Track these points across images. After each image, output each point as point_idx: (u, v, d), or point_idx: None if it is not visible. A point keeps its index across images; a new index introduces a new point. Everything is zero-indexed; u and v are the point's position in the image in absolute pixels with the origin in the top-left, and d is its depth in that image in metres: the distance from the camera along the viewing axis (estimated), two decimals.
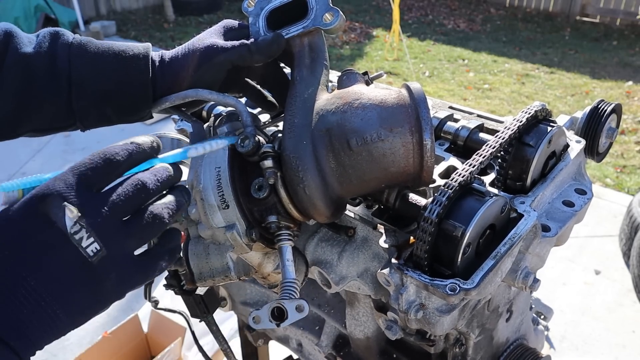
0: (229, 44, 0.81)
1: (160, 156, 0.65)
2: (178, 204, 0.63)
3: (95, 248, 0.53)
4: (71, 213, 0.52)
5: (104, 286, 0.55)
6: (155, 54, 0.84)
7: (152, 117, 0.88)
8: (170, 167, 0.64)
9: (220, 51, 0.80)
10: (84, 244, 0.53)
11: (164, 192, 0.64)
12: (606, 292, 3.15)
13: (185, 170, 1.07)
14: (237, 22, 0.88)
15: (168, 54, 0.84)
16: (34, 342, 0.52)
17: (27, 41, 0.80)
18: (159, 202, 0.62)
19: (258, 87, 0.95)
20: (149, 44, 0.85)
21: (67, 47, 0.80)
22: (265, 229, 0.76)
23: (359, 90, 0.76)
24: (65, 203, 0.52)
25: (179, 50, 0.84)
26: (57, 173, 0.58)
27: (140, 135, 0.66)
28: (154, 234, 0.61)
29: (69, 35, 0.82)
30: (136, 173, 0.61)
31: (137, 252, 0.60)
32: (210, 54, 0.80)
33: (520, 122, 0.86)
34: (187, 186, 0.70)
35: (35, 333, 0.52)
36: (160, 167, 0.63)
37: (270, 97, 0.96)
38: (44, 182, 0.56)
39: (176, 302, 1.25)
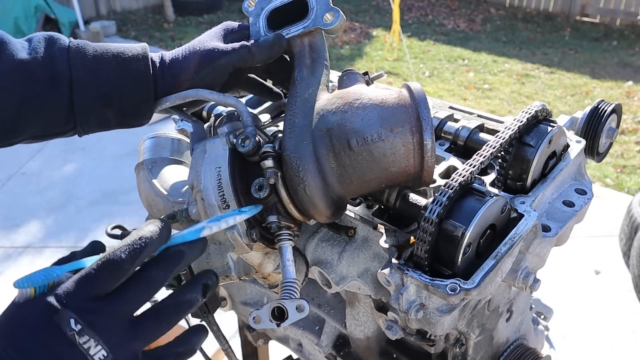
0: (230, 46, 0.81)
1: (173, 235, 0.63)
2: (190, 304, 0.63)
3: (103, 355, 0.56)
4: (76, 325, 0.55)
5: None
6: (155, 55, 0.84)
7: (149, 120, 0.87)
8: (182, 252, 0.62)
9: (221, 54, 0.80)
10: (92, 352, 0.56)
11: (184, 284, 0.65)
12: (606, 292, 3.15)
13: (185, 171, 1.07)
14: (238, 23, 0.88)
15: (168, 55, 0.83)
16: None
17: (21, 47, 0.78)
18: (169, 301, 0.63)
19: (260, 80, 0.95)
20: (145, 44, 0.84)
21: (65, 51, 0.79)
22: (265, 229, 0.76)
23: (360, 90, 0.76)
24: (73, 316, 0.55)
25: (178, 51, 0.83)
26: (69, 266, 0.61)
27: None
28: (160, 334, 0.62)
29: (64, 39, 0.81)
30: (145, 267, 0.61)
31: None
32: (211, 57, 0.80)
33: (521, 122, 0.86)
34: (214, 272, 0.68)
35: None
36: (169, 256, 0.62)
37: (275, 88, 0.96)
38: (54, 277, 0.59)
39: None
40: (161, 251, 0.62)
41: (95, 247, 0.66)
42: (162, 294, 0.66)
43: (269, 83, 0.97)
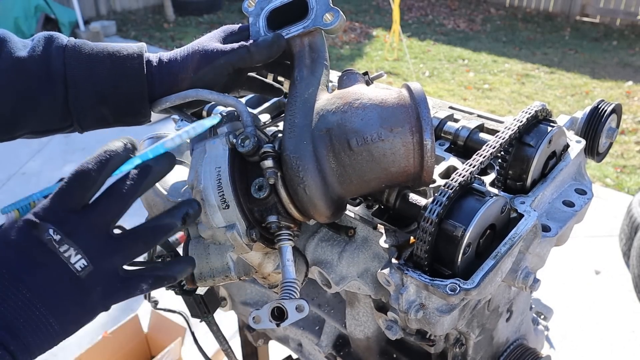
0: (229, 47, 0.81)
1: (138, 154, 0.66)
2: (168, 227, 0.66)
3: (83, 264, 0.59)
4: (56, 234, 0.58)
5: (91, 298, 0.60)
6: (153, 55, 0.84)
7: (150, 121, 0.87)
8: (149, 166, 0.65)
9: (220, 54, 0.80)
10: (72, 260, 0.59)
11: (163, 211, 0.68)
12: (606, 292, 3.15)
13: (185, 171, 1.07)
14: (238, 26, 0.88)
15: (167, 55, 0.84)
16: (29, 348, 0.57)
17: (22, 45, 0.81)
18: (148, 223, 0.66)
19: (260, 78, 0.95)
20: (144, 44, 0.85)
21: (61, 50, 0.80)
22: (265, 229, 0.76)
23: (360, 90, 0.76)
24: (52, 227, 0.58)
25: (177, 52, 0.84)
26: (45, 191, 0.65)
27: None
28: (138, 253, 0.65)
29: (63, 38, 0.82)
30: (115, 182, 0.64)
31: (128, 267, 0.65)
32: (210, 56, 0.80)
33: (521, 122, 0.86)
34: (193, 200, 0.71)
35: (31, 339, 0.56)
36: (138, 172, 0.64)
37: (275, 84, 0.96)
38: (35, 199, 0.64)
39: (176, 302, 1.25)
40: (130, 168, 0.65)
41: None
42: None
43: (269, 79, 0.97)
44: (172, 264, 0.69)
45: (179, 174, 1.06)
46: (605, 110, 1.00)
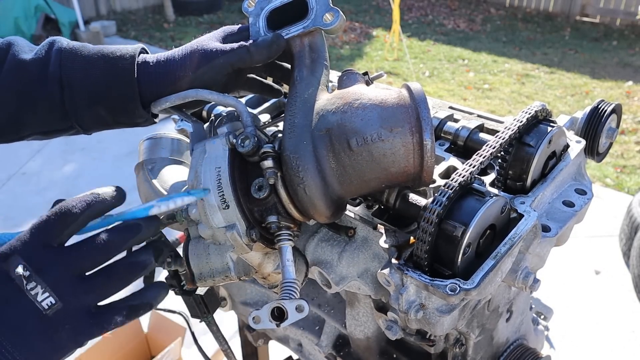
0: (228, 46, 0.81)
1: (123, 211, 0.66)
2: (143, 264, 0.66)
3: (50, 302, 0.58)
4: (25, 271, 0.57)
5: (59, 336, 0.59)
6: (150, 55, 0.85)
7: (154, 122, 0.88)
8: (139, 225, 0.65)
9: (219, 54, 0.80)
10: (39, 298, 0.57)
11: (138, 248, 0.67)
12: (606, 292, 3.15)
13: (185, 171, 1.07)
14: (238, 26, 0.88)
15: (164, 54, 0.84)
16: None
17: (28, 49, 0.83)
18: (122, 260, 0.65)
19: (260, 79, 0.95)
20: (140, 45, 0.86)
21: (59, 52, 0.82)
22: (265, 229, 0.76)
23: (359, 91, 0.76)
24: (21, 261, 0.57)
25: (176, 51, 0.84)
26: (19, 233, 0.62)
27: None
28: (114, 291, 0.63)
29: (64, 41, 0.84)
30: (102, 231, 0.63)
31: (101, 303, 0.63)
32: (208, 56, 0.80)
33: (521, 122, 0.86)
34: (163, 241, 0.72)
35: None
36: (125, 225, 0.64)
37: (275, 85, 0.97)
38: (6, 240, 0.61)
39: (176, 302, 1.25)
40: (119, 222, 0.64)
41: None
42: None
43: (269, 80, 0.97)
44: (146, 291, 0.68)
45: (178, 174, 1.06)
46: (605, 110, 1.00)
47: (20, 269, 0.57)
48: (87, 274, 0.61)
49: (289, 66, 0.94)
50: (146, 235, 0.66)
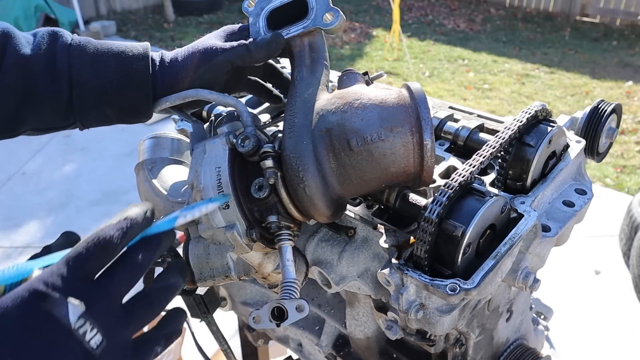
0: (228, 44, 0.82)
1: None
2: (175, 286, 0.64)
3: (98, 340, 0.53)
4: (75, 308, 0.52)
5: None
6: (155, 55, 0.84)
7: (150, 118, 0.88)
8: (160, 238, 0.63)
9: (219, 52, 0.81)
10: (87, 337, 0.52)
11: (163, 271, 0.65)
12: (606, 292, 3.15)
13: (185, 171, 1.07)
14: (238, 25, 0.89)
15: (168, 55, 0.84)
16: None
17: (25, 42, 0.79)
18: (154, 286, 0.62)
19: (261, 82, 0.95)
20: (148, 44, 0.85)
21: (66, 49, 0.79)
22: (265, 229, 0.76)
23: (360, 90, 0.76)
24: (69, 299, 0.52)
25: (178, 52, 0.84)
26: (43, 260, 0.57)
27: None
28: (151, 319, 0.61)
29: (67, 35, 0.81)
30: (129, 251, 0.60)
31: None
32: (209, 55, 0.81)
33: (521, 122, 0.86)
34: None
35: None
36: (150, 240, 0.61)
37: (275, 91, 0.97)
38: (28, 275, 0.55)
39: (176, 302, 1.25)
40: (139, 239, 0.61)
41: (70, 239, 0.63)
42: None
43: (269, 85, 0.97)
44: (171, 318, 0.66)
45: (178, 174, 1.06)
46: (605, 110, 1.00)
47: (68, 307, 0.51)
48: (124, 302, 0.58)
49: (287, 74, 0.94)
50: (166, 246, 0.64)
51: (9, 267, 0.54)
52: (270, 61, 0.94)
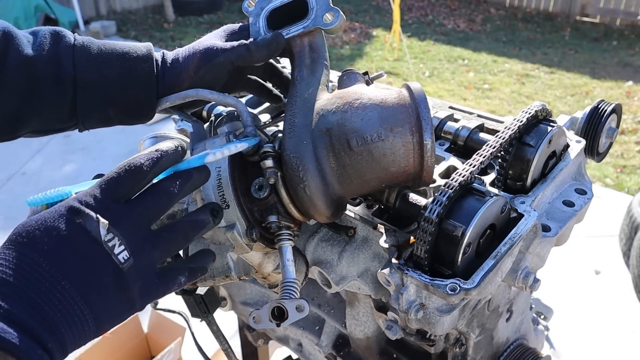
0: (228, 44, 0.82)
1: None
2: (203, 223, 0.67)
3: (126, 256, 0.57)
4: (104, 223, 0.55)
5: (129, 295, 0.58)
6: (157, 55, 0.84)
7: (152, 119, 0.87)
8: (191, 172, 0.66)
9: (220, 52, 0.81)
10: (116, 251, 0.56)
11: (196, 209, 0.69)
12: (606, 292, 3.15)
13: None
14: (239, 25, 0.89)
15: (169, 55, 0.84)
16: (64, 347, 0.53)
17: (27, 41, 0.79)
18: (187, 218, 0.66)
19: (261, 81, 0.95)
20: (150, 44, 0.84)
21: (70, 49, 0.79)
22: (265, 228, 0.76)
23: (360, 90, 0.76)
24: (98, 215, 0.56)
25: (179, 52, 0.84)
26: (80, 185, 0.62)
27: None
28: (177, 248, 0.64)
29: (70, 35, 0.81)
30: (160, 180, 0.63)
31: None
32: (210, 55, 0.81)
33: (521, 122, 0.86)
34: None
35: (67, 337, 0.53)
36: (179, 173, 0.65)
37: (275, 90, 0.97)
38: (67, 196, 0.60)
39: (176, 302, 1.25)
40: (171, 172, 0.65)
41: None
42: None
43: (268, 85, 0.97)
44: (197, 256, 0.69)
45: None
46: (605, 110, 1.00)
47: (98, 221, 0.55)
48: (153, 228, 0.61)
49: (288, 74, 0.94)
50: (199, 183, 0.67)
51: (50, 190, 0.60)
52: (271, 61, 0.94)
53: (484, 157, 0.80)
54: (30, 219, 0.56)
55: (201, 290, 1.20)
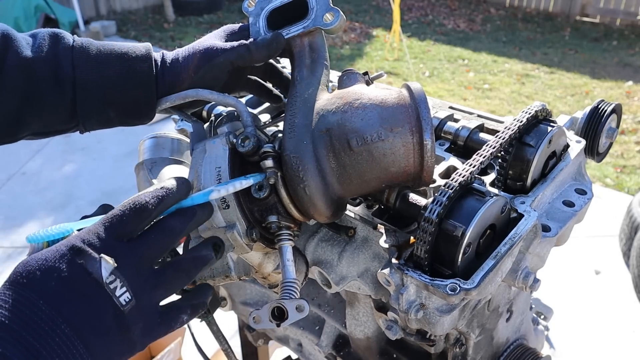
0: (228, 44, 0.82)
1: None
2: (206, 259, 0.67)
3: (127, 298, 0.56)
4: (107, 264, 0.55)
5: (130, 336, 0.57)
6: (157, 55, 0.84)
7: (152, 119, 0.87)
8: (195, 209, 0.66)
9: (220, 52, 0.81)
10: (117, 293, 0.55)
11: (198, 244, 0.69)
12: (606, 292, 3.15)
13: (185, 171, 1.07)
14: (239, 25, 0.89)
15: (169, 55, 0.84)
16: None
17: (26, 43, 0.79)
18: (189, 255, 0.66)
19: (261, 81, 0.95)
20: (149, 44, 0.84)
21: (69, 50, 0.79)
22: (265, 229, 0.76)
23: (360, 90, 0.76)
24: (102, 256, 0.55)
25: (179, 52, 0.84)
26: (82, 223, 0.61)
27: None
28: (180, 287, 0.64)
29: (69, 37, 0.81)
30: (164, 218, 0.63)
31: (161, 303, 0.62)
32: (209, 55, 0.81)
33: (521, 122, 0.86)
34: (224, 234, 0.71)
35: None
36: (185, 210, 0.65)
37: (275, 90, 0.97)
38: (68, 233, 0.59)
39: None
40: (175, 209, 0.65)
41: (107, 210, 0.66)
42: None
43: (268, 85, 0.97)
44: (197, 291, 0.68)
45: (179, 174, 1.06)
46: (605, 110, 1.00)
47: (101, 262, 0.54)
48: (155, 267, 0.61)
49: (288, 74, 0.94)
50: (202, 220, 0.67)
51: (52, 227, 0.60)
52: (271, 61, 0.94)
53: (484, 157, 0.80)
54: (31, 257, 0.56)
55: None
